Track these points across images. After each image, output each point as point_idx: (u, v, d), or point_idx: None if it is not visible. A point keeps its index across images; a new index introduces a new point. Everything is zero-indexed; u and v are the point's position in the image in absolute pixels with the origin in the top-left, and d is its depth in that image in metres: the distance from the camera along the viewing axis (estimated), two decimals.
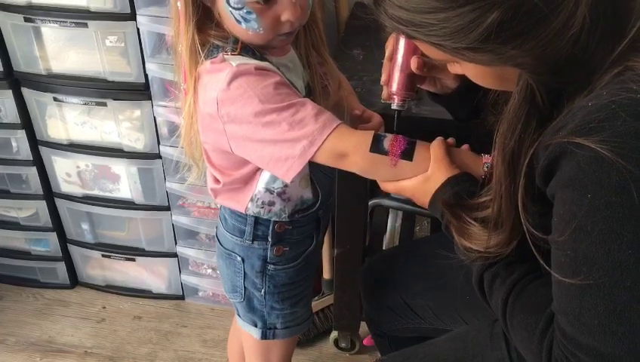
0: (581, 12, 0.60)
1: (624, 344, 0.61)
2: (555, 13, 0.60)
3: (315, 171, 1.01)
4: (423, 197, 0.85)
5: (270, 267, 1.07)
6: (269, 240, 1.05)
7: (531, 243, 0.68)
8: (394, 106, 0.92)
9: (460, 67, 0.72)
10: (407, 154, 0.85)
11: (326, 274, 1.68)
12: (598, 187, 0.59)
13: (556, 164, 0.64)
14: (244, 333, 1.17)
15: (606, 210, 0.59)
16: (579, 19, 0.60)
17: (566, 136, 0.61)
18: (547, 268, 0.67)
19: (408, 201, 1.43)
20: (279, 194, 1.00)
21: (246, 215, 1.03)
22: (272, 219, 1.03)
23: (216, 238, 1.12)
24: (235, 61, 0.88)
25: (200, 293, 1.82)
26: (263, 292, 1.09)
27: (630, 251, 0.59)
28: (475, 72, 0.71)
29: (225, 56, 0.89)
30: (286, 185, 0.99)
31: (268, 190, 0.99)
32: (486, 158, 0.85)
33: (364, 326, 1.57)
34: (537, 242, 0.69)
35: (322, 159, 0.87)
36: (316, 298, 1.68)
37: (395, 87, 0.91)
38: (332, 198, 1.12)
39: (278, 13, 0.86)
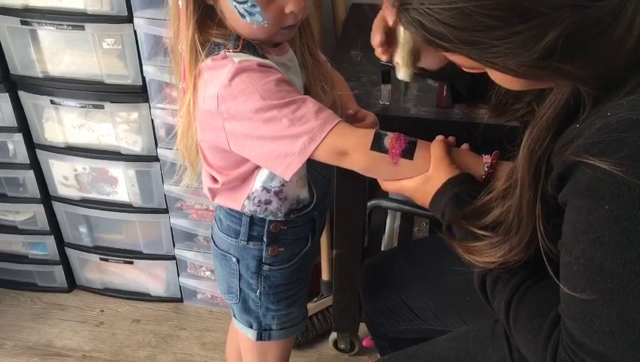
0: (639, 20, 0.57)
1: (635, 351, 0.60)
2: (615, 23, 0.57)
3: (311, 172, 1.01)
4: (424, 198, 0.85)
5: (265, 267, 1.07)
6: (264, 240, 1.04)
7: (543, 251, 0.68)
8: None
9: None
10: (408, 153, 0.85)
11: (325, 276, 1.68)
12: (616, 198, 0.58)
13: (569, 172, 0.63)
14: (241, 335, 1.17)
15: (625, 221, 0.58)
16: (637, 29, 0.58)
17: (580, 152, 0.60)
18: (555, 279, 0.66)
19: (407, 202, 1.44)
20: (276, 193, 1.00)
21: (241, 215, 1.03)
22: (268, 218, 1.02)
23: (211, 239, 1.12)
24: (237, 58, 0.88)
25: (199, 296, 1.81)
26: (258, 293, 1.09)
27: None
28: (507, 80, 0.66)
29: (227, 53, 0.89)
30: (283, 184, 0.99)
31: (265, 188, 0.99)
32: (486, 158, 0.85)
33: (363, 327, 1.57)
34: (548, 250, 0.68)
35: (322, 156, 0.86)
36: (315, 299, 1.68)
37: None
38: (328, 200, 1.12)
39: (282, 5, 0.86)
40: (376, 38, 0.88)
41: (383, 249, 1.65)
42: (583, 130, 0.62)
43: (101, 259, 1.77)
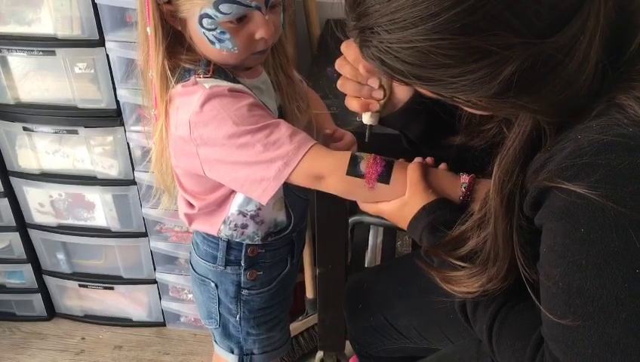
0: (594, 52, 0.58)
1: None
2: (568, 58, 0.57)
3: (288, 194, 1.00)
4: (401, 223, 0.84)
5: (244, 292, 1.05)
6: (242, 264, 1.03)
7: (524, 277, 0.67)
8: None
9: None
10: (384, 178, 0.84)
11: (309, 294, 1.66)
12: (592, 221, 0.58)
13: (544, 196, 0.62)
14: (222, 360, 1.15)
15: (601, 244, 0.58)
16: (592, 60, 0.58)
17: (552, 177, 0.60)
18: (537, 303, 0.65)
19: None
20: (252, 217, 0.99)
21: (218, 240, 1.01)
22: (245, 242, 1.01)
23: (189, 264, 1.11)
24: (208, 83, 0.87)
25: (181, 319, 1.78)
26: (238, 318, 1.07)
27: (626, 285, 0.58)
28: (471, 109, 0.67)
29: (197, 78, 0.88)
30: (259, 208, 0.98)
31: (241, 212, 0.98)
32: (464, 178, 0.84)
33: (350, 345, 1.55)
34: (529, 277, 0.67)
35: (298, 180, 0.85)
36: (300, 318, 1.66)
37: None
38: (306, 221, 1.11)
39: (252, 31, 0.85)
40: (348, 88, 0.87)
41: (366, 265, 1.64)
42: (554, 153, 0.62)
43: (80, 285, 1.74)
